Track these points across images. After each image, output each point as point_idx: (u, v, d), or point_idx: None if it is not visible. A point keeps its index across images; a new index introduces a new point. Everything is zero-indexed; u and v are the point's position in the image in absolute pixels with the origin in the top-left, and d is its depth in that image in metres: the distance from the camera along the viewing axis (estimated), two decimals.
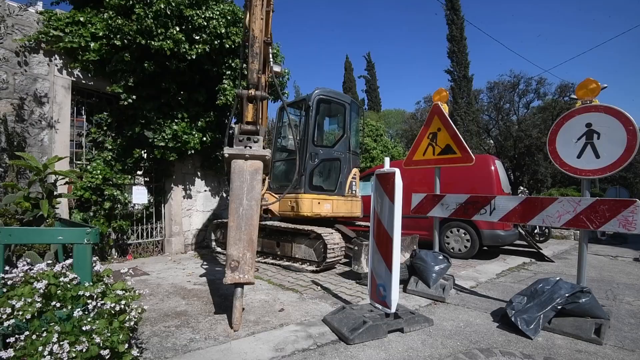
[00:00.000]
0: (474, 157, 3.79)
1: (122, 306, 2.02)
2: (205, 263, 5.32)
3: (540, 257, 6.39)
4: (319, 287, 3.86)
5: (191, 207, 6.69)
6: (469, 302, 3.49)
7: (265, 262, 5.15)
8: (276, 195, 5.24)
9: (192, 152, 6.08)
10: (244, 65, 3.90)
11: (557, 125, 3.13)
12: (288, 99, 7.14)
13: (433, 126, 4.19)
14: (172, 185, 6.40)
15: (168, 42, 5.27)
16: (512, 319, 2.68)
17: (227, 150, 2.97)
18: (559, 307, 2.69)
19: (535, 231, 8.55)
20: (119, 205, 5.77)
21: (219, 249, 6.08)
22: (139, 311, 2.06)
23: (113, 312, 1.98)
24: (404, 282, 3.88)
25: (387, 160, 2.90)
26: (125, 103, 5.51)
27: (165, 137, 5.69)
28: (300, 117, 5.52)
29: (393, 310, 2.58)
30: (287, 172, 5.64)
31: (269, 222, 5.27)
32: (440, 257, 3.78)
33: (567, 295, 2.69)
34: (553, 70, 51.90)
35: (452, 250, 6.25)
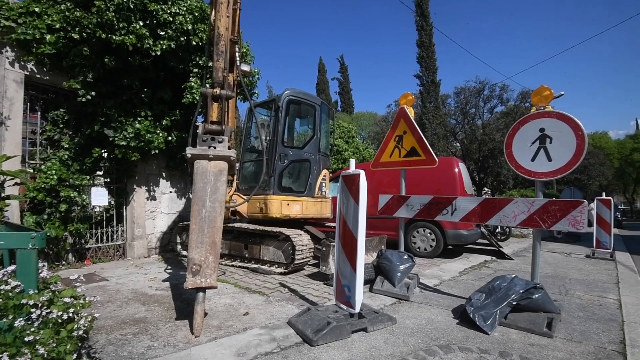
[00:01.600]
0: (437, 160, 3.91)
1: (71, 314, 1.90)
2: (169, 267, 5.14)
3: (500, 255, 6.70)
4: (286, 289, 3.83)
5: (155, 209, 6.44)
6: (432, 300, 3.59)
7: (232, 265, 5.04)
8: (244, 197, 5.15)
9: (157, 151, 5.86)
10: (210, 63, 3.81)
11: (514, 130, 3.29)
12: (259, 99, 7.06)
13: (399, 129, 4.28)
14: (135, 187, 6.13)
15: (130, 37, 5.06)
16: (471, 316, 2.78)
17: (189, 151, 2.88)
18: (514, 303, 2.83)
19: (497, 230, 8.96)
20: (76, 208, 5.46)
21: (184, 253, 5.90)
22: (89, 319, 1.95)
23: (60, 321, 1.86)
24: (370, 282, 3.93)
25: (352, 162, 2.92)
26: (84, 99, 5.23)
27: (127, 136, 5.45)
28: (270, 117, 5.47)
29: (357, 310, 2.60)
30: (256, 173, 5.56)
31: (236, 224, 5.18)
32: (405, 257, 3.86)
33: (521, 291, 2.82)
34: (515, 77, 54.77)
35: (418, 250, 6.42)
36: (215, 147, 2.95)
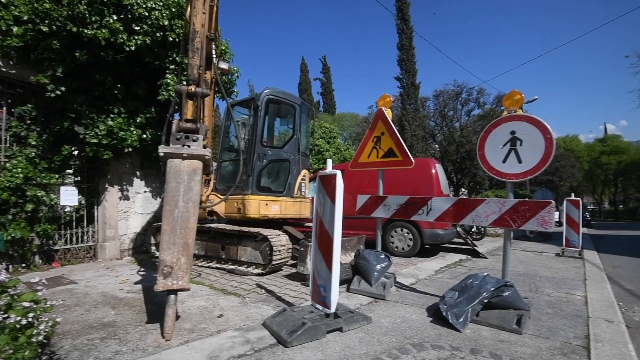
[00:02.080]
0: (413, 161, 3.97)
1: (30, 319, 1.81)
2: (142, 269, 4.99)
3: (475, 254, 6.88)
4: (263, 291, 3.79)
5: (129, 209, 6.25)
6: (407, 299, 3.64)
7: (208, 267, 4.95)
8: (222, 197, 5.06)
9: (130, 150, 5.68)
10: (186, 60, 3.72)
11: (486, 132, 3.38)
12: (239, 98, 6.97)
13: (377, 130, 4.31)
14: (107, 186, 5.92)
15: (103, 31, 4.88)
16: (444, 314, 2.83)
17: (162, 149, 2.80)
18: (485, 301, 2.90)
19: (473, 230, 9.19)
20: (44, 208, 5.21)
21: (158, 254, 5.75)
22: (51, 324, 1.86)
23: (19, 326, 1.77)
24: (348, 282, 3.94)
25: (329, 162, 2.92)
26: (53, 95, 5.01)
27: (99, 133, 5.26)
28: (249, 116, 5.41)
29: (333, 310, 2.60)
30: (235, 172, 5.47)
31: (213, 225, 5.08)
32: (382, 256, 3.89)
33: (492, 289, 2.90)
34: (491, 81, 56.36)
35: (396, 249, 6.50)
36: (189, 146, 2.89)
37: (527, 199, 3.16)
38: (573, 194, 7.90)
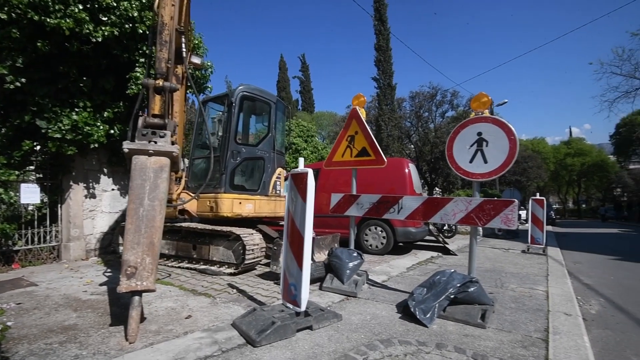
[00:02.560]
0: (385, 160, 4.03)
1: None
2: (108, 270, 4.80)
3: (446, 251, 7.08)
4: (234, 290, 3.73)
5: (95, 207, 5.99)
6: (378, 296, 3.69)
7: (179, 267, 4.82)
8: (193, 195, 4.94)
9: (97, 145, 5.45)
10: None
11: (454, 133, 3.47)
12: (213, 94, 6.82)
13: (351, 129, 4.35)
14: (72, 183, 5.66)
15: (68, 20, 4.65)
16: (412, 310, 2.89)
17: (127, 145, 2.70)
18: (452, 297, 2.98)
19: (444, 227, 9.45)
20: (2, 206, 4.93)
21: (122, 254, 5.55)
22: (1, 328, 1.75)
23: None
24: (321, 280, 3.96)
25: (301, 160, 2.91)
26: (12, 87, 4.72)
27: (63, 127, 5.01)
28: (223, 113, 5.31)
29: (303, 308, 2.60)
30: (207, 170, 5.36)
31: (184, 224, 4.96)
32: (355, 254, 3.93)
33: (458, 285, 2.99)
34: (464, 84, 58.19)
35: (370, 247, 6.59)
36: (156, 142, 2.80)
37: (492, 198, 3.28)
38: (538, 194, 8.27)
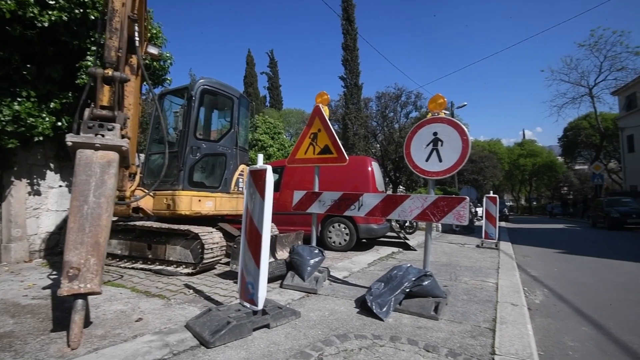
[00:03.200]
0: (347, 158, 4.07)
1: None
2: (54, 272, 4.47)
3: (406, 246, 7.31)
4: (191, 291, 3.61)
5: (40, 205, 5.56)
6: (339, 292, 3.73)
7: (132, 268, 4.58)
8: (147, 192, 4.71)
9: (42, 139, 5.04)
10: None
11: (412, 133, 3.57)
12: (171, 86, 6.54)
13: (314, 127, 4.35)
14: (13, 179, 5.20)
15: (9, 2, 4.26)
16: (369, 304, 2.95)
17: (70, 138, 2.51)
18: (407, 290, 3.07)
19: (406, 224, 9.75)
20: None
21: (63, 255, 5.20)
22: None
23: None
24: (283, 278, 3.93)
25: (260, 156, 2.87)
26: None
27: (3, 118, 4.59)
28: (182, 107, 5.10)
29: (260, 307, 2.56)
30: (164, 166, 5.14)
31: (138, 222, 4.72)
32: (316, 251, 3.94)
33: (413, 279, 3.08)
34: (426, 86, 60.32)
35: (333, 244, 6.66)
36: (103, 135, 2.63)
37: (446, 195, 3.41)
38: (492, 192, 8.75)
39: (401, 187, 22.24)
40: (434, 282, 3.15)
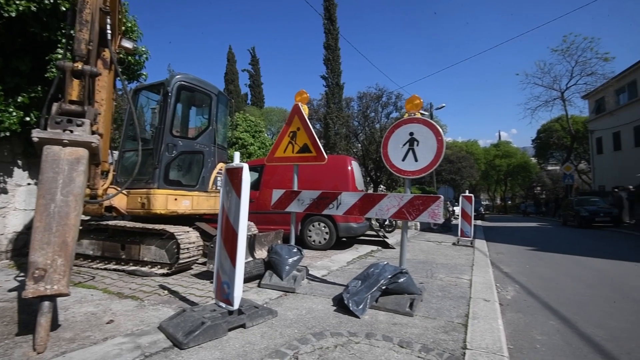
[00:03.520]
0: (326, 157, 4.08)
1: None
2: (21, 274, 4.27)
3: (385, 245, 7.41)
4: (165, 292, 3.54)
5: (7, 204, 5.30)
6: (317, 290, 3.74)
7: (105, 269, 4.44)
8: (124, 191, 4.58)
9: (8, 134, 4.81)
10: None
11: (389, 133, 3.63)
12: (147, 82, 6.37)
13: (293, 125, 4.34)
14: None
15: None
16: (345, 302, 2.97)
17: (37, 134, 2.41)
18: (383, 287, 3.12)
19: (386, 223, 9.88)
20: None
21: (29, 255, 4.99)
22: None
23: None
24: (261, 277, 3.90)
25: (236, 154, 2.83)
26: None
27: None
28: (158, 103, 4.98)
29: (236, 307, 2.54)
30: (140, 164, 5.00)
31: (111, 222, 4.58)
32: (295, 250, 3.94)
33: (389, 276, 3.13)
34: (407, 87, 61.35)
35: (313, 243, 6.68)
36: (72, 131, 2.54)
37: (421, 194, 3.48)
38: (467, 191, 9.00)
39: (382, 186, 22.51)
40: (409, 279, 3.21)
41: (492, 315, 3.16)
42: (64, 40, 5.01)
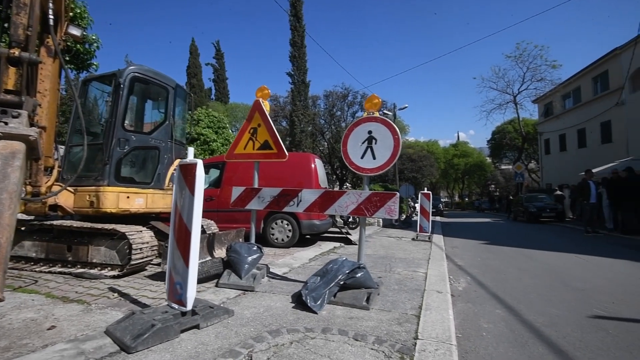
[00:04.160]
0: (287, 154, 4.07)
1: None
2: None
3: (348, 241, 7.54)
4: (115, 294, 3.36)
5: None
6: (276, 288, 3.73)
7: (50, 272, 4.13)
8: (69, 188, 4.28)
9: None
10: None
11: (349, 131, 3.68)
12: (99, 72, 5.99)
13: (254, 122, 4.27)
14: None
15: None
16: (304, 298, 2.99)
17: None
18: (341, 283, 3.17)
19: (350, 219, 10.05)
20: None
21: None
22: None
23: None
24: (219, 277, 3.82)
25: (190, 150, 2.75)
26: None
27: None
28: (109, 95, 4.70)
29: (189, 307, 2.47)
30: (87, 159, 4.68)
31: (56, 222, 4.27)
32: (254, 248, 3.90)
33: (347, 272, 3.19)
34: (371, 87, 62.59)
35: (276, 241, 6.64)
36: (6, 123, 2.33)
37: (378, 191, 3.57)
38: (426, 188, 9.37)
39: (348, 184, 22.84)
40: (366, 274, 3.29)
41: (443, 306, 3.31)
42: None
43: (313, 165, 6.93)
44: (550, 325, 3.15)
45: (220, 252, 4.45)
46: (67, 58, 4.44)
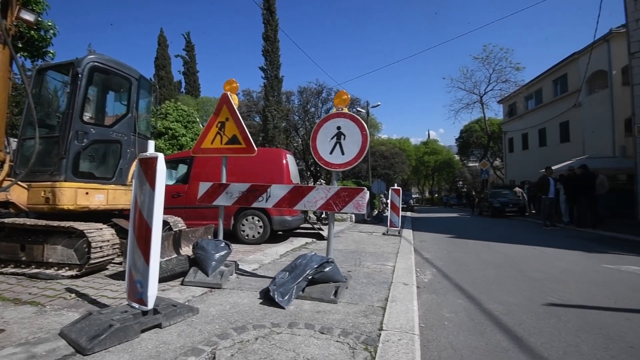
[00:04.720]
0: (256, 149, 4.02)
1: None
2: None
3: (320, 237, 7.58)
4: (73, 295, 3.20)
5: None
6: (245, 285, 3.69)
7: (2, 273, 3.87)
8: (21, 183, 4.02)
9: None
10: None
11: (318, 126, 3.69)
12: (56, 61, 5.63)
13: (222, 115, 4.18)
14: None
15: None
16: (271, 294, 2.98)
17: None
18: (310, 277, 3.18)
19: (322, 215, 10.09)
20: None
21: None
22: None
23: None
24: (184, 275, 3.73)
25: (151, 143, 2.65)
26: None
27: None
28: (65, 84, 4.43)
29: (150, 306, 2.39)
30: (43, 153, 4.40)
31: (8, 220, 3.99)
32: (222, 245, 3.83)
33: (316, 266, 3.21)
34: (344, 84, 63.04)
35: (247, 237, 6.57)
36: None
37: (346, 187, 3.61)
38: (396, 184, 9.57)
39: (322, 180, 22.90)
40: (335, 268, 3.32)
41: (409, 297, 3.40)
42: None
43: (285, 161, 6.89)
44: (507, 313, 3.31)
45: (187, 250, 4.33)
46: (20, 45, 4.13)
